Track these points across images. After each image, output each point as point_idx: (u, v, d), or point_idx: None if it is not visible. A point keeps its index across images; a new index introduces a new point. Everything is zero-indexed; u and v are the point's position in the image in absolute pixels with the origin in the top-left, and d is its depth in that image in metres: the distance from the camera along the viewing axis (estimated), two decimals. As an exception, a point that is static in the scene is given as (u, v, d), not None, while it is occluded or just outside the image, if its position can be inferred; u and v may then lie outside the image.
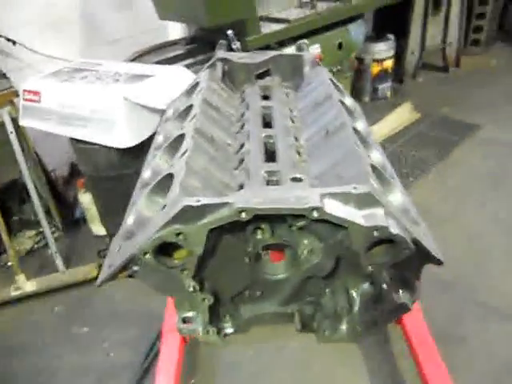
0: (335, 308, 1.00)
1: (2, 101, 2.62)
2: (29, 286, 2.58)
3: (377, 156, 1.13)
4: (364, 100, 4.71)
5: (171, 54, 3.02)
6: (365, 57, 4.44)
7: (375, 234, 0.84)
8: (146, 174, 1.15)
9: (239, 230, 0.88)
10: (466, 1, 4.95)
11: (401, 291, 0.98)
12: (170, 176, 0.91)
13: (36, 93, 2.56)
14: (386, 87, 4.67)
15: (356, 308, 1.02)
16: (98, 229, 3.15)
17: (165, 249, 0.83)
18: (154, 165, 1.07)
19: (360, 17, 3.62)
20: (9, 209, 3.26)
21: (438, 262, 0.93)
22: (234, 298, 1.00)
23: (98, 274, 2.71)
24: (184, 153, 0.94)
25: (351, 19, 3.53)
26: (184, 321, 0.97)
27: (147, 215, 0.90)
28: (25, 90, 2.61)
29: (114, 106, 2.27)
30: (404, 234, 0.84)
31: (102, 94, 2.35)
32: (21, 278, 2.60)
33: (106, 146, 2.41)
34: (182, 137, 1.05)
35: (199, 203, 0.77)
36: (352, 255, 0.88)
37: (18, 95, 2.66)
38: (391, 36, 4.46)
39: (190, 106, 1.15)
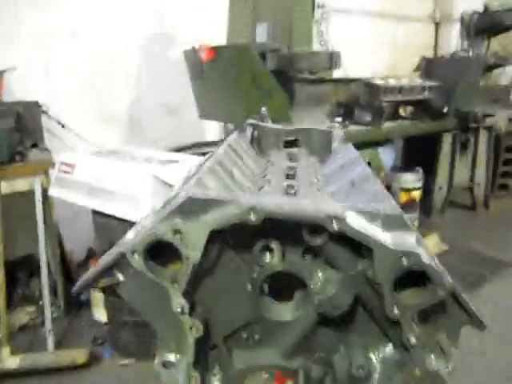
0: (350, 371, 0.81)
1: (39, 169, 2.72)
2: (11, 361, 2.36)
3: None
4: (390, 227, 4.65)
5: (206, 150, 3.15)
6: (393, 185, 4.51)
7: (404, 261, 0.71)
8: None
9: (245, 248, 0.77)
10: (492, 146, 5.14)
11: (433, 357, 0.80)
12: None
13: (71, 165, 2.66)
14: (412, 218, 4.63)
15: (376, 375, 0.83)
16: (100, 314, 2.99)
17: (157, 257, 0.72)
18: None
19: (389, 142, 3.77)
20: (16, 280, 3.17)
21: (478, 323, 0.77)
22: (227, 338, 0.84)
23: (87, 361, 2.51)
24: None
25: (380, 143, 3.68)
26: (164, 365, 0.80)
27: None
28: (62, 163, 2.72)
29: (143, 183, 2.30)
30: (437, 269, 0.71)
31: (133, 170, 2.41)
32: (5, 351, 2.40)
33: (125, 223, 2.39)
34: (199, 167, 1.00)
35: (205, 196, 0.69)
36: (373, 296, 0.74)
37: (53, 167, 2.77)
38: (419, 168, 4.57)
39: (212, 154, 1.12)
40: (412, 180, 4.51)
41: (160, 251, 0.73)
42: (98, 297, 2.94)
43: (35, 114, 3.13)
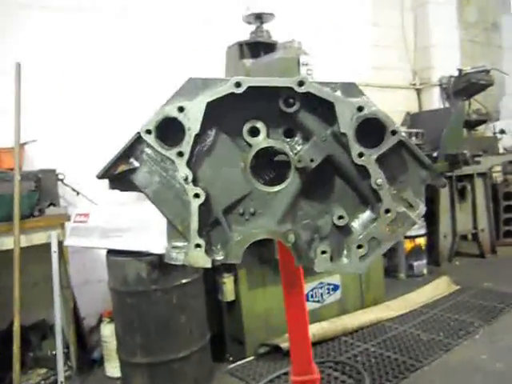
0: (332, 222, 0.93)
1: (55, 222, 2.90)
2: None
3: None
4: (400, 277, 4.66)
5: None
6: (396, 234, 4.60)
7: (361, 112, 0.87)
8: None
9: (236, 132, 0.93)
10: (490, 194, 5.30)
11: (403, 207, 0.91)
12: None
13: (86, 215, 2.84)
14: (421, 264, 4.66)
15: (360, 237, 0.93)
16: (113, 369, 2.96)
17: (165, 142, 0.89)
18: None
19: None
20: (29, 343, 3.17)
21: (435, 176, 0.89)
22: (226, 213, 0.95)
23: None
24: None
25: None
26: (173, 247, 0.93)
27: None
28: (77, 214, 2.90)
29: (152, 215, 2.46)
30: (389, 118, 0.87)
31: (143, 206, 2.58)
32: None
33: (136, 258, 2.51)
34: None
35: (202, 77, 0.88)
36: (344, 155, 0.88)
37: (69, 220, 2.95)
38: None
39: None
40: (414, 227, 4.60)
41: (168, 137, 0.91)
42: (111, 348, 2.93)
43: (52, 180, 3.39)
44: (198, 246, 0.92)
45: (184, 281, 2.58)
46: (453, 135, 4.66)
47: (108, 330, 2.95)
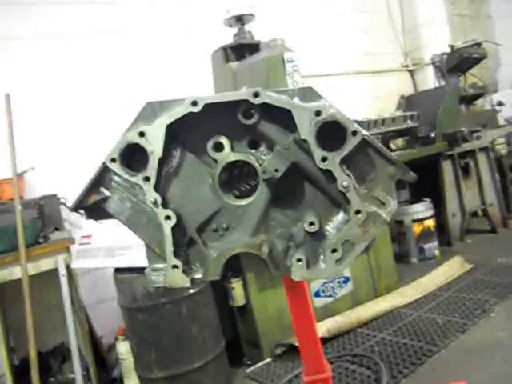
0: (304, 229, 0.93)
1: (60, 247, 2.93)
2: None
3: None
4: (412, 261, 4.63)
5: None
6: (404, 218, 4.58)
7: (319, 116, 0.86)
8: None
9: (201, 150, 0.93)
10: (495, 168, 5.23)
11: (374, 207, 0.90)
12: None
13: (88, 236, 2.87)
14: (432, 247, 4.62)
15: (333, 241, 0.93)
16: (133, 385, 2.98)
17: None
18: None
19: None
20: (50, 367, 3.21)
21: (403, 171, 0.88)
22: (200, 232, 0.96)
23: None
24: None
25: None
26: (152, 270, 0.93)
27: None
28: (81, 236, 2.93)
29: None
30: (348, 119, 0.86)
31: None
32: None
33: (142, 274, 2.52)
34: None
35: (158, 100, 0.89)
36: (309, 160, 0.88)
37: (74, 243, 2.98)
38: (427, 199, 4.66)
39: None
40: (422, 210, 4.58)
41: (132, 165, 0.91)
42: (128, 365, 2.95)
43: (55, 205, 3.42)
44: (175, 266, 0.92)
45: (192, 291, 2.59)
46: (448, 113, 4.61)
47: (124, 348, 2.98)
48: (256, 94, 0.88)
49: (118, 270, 2.67)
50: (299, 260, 0.95)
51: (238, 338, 3.15)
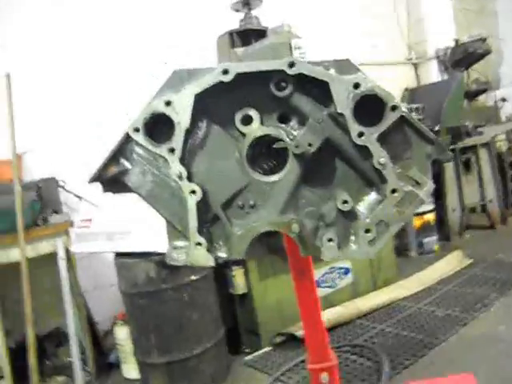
0: (336, 208, 0.89)
1: (59, 229, 2.88)
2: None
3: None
4: (411, 255, 4.62)
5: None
6: (404, 212, 4.55)
7: (358, 89, 0.82)
8: None
9: (229, 122, 0.89)
10: (495, 164, 5.22)
11: (410, 186, 0.87)
12: None
13: (88, 220, 2.82)
14: (431, 241, 4.61)
15: (367, 220, 0.89)
16: (130, 371, 2.95)
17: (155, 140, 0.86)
18: None
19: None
20: (44, 352, 3.17)
21: (440, 150, 0.85)
22: (225, 208, 0.92)
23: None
24: None
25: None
26: (174, 248, 0.89)
27: None
28: (80, 220, 2.88)
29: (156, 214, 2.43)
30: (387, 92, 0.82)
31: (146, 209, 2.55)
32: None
33: (144, 259, 2.49)
34: None
35: (186, 68, 0.84)
36: (344, 137, 0.84)
37: (72, 226, 2.93)
38: (427, 193, 4.63)
39: None
40: (422, 204, 4.55)
41: (158, 134, 0.87)
42: (126, 350, 2.93)
43: (53, 188, 3.36)
44: (198, 244, 0.88)
45: (194, 277, 2.56)
46: (453, 107, 4.58)
47: (122, 333, 2.95)
48: (291, 64, 0.84)
49: (118, 255, 2.63)
50: (330, 240, 0.91)
51: (237, 326, 3.12)
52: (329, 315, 3.08)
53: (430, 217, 4.59)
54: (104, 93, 3.76)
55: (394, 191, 0.88)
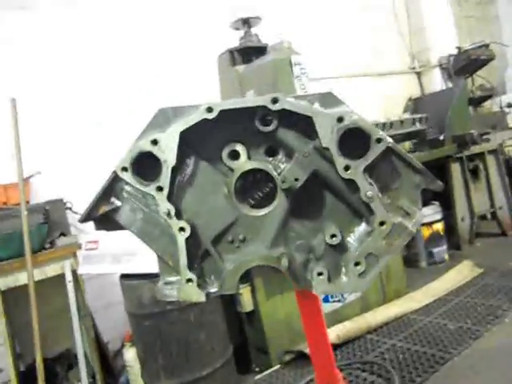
0: (324, 241, 0.88)
1: (67, 252, 2.90)
2: None
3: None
4: (421, 265, 4.57)
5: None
6: (412, 222, 4.51)
7: (342, 122, 0.82)
8: None
9: (216, 158, 0.89)
10: (503, 170, 5.16)
11: (399, 218, 0.86)
12: None
13: (95, 242, 2.84)
14: (441, 251, 4.56)
15: (356, 253, 0.88)
16: (140, 392, 2.94)
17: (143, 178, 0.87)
18: None
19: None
20: (56, 374, 3.18)
21: (429, 180, 0.84)
22: (215, 244, 0.91)
23: None
24: None
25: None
26: (165, 284, 0.89)
27: None
28: (87, 242, 2.90)
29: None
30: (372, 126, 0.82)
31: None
32: None
33: (150, 280, 2.49)
34: None
35: (171, 106, 0.84)
36: (331, 169, 0.84)
37: (80, 248, 2.95)
38: (435, 202, 4.60)
39: None
40: (430, 213, 4.51)
41: (144, 174, 0.87)
42: (135, 372, 2.92)
43: (61, 209, 3.39)
44: (189, 280, 0.88)
45: (200, 297, 2.55)
46: (458, 115, 4.55)
47: (131, 354, 2.94)
48: (275, 100, 0.84)
49: (124, 276, 2.64)
50: (320, 274, 0.90)
51: (245, 344, 3.10)
52: (338, 331, 3.05)
53: (439, 226, 4.54)
54: (112, 117, 3.81)
55: (382, 224, 0.87)
